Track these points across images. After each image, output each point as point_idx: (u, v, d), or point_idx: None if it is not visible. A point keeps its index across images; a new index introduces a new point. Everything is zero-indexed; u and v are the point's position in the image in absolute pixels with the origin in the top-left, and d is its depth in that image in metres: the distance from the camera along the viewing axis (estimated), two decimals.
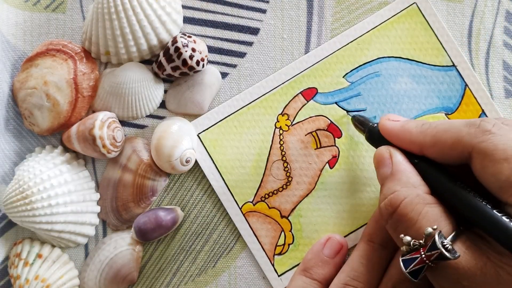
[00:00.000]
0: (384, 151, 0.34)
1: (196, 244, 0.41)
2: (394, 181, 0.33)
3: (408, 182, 0.32)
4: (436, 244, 0.28)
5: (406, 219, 0.30)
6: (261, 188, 0.41)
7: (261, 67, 0.42)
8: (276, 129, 0.41)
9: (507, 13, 0.42)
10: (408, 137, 0.34)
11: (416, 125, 0.34)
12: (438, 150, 0.32)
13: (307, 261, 0.39)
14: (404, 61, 0.41)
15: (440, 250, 0.28)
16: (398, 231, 0.31)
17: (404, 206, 0.31)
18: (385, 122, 0.36)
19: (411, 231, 0.30)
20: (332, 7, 0.42)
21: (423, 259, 0.29)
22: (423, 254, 0.29)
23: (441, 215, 0.30)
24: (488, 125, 0.30)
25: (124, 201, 0.40)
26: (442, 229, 0.29)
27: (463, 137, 0.31)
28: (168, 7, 0.40)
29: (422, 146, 0.33)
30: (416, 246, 0.29)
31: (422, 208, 0.30)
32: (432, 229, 0.29)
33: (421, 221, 0.30)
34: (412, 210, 0.30)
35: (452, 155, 0.31)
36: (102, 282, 0.40)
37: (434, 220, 0.30)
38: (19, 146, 0.42)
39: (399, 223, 0.31)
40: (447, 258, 0.28)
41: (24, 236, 0.41)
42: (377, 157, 0.35)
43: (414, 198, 0.31)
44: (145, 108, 0.41)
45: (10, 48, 0.42)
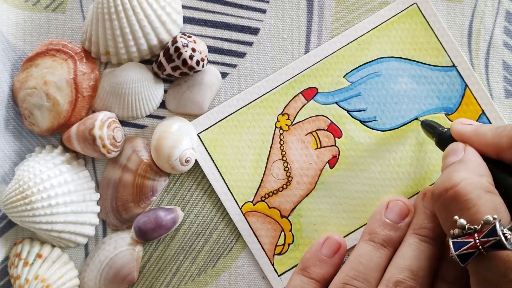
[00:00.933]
0: (459, 144, 0.33)
1: (196, 244, 0.41)
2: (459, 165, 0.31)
3: (475, 170, 0.31)
4: (497, 231, 0.27)
5: (464, 199, 0.29)
6: (261, 188, 0.41)
7: (261, 67, 0.42)
8: (276, 129, 0.41)
9: (507, 13, 0.42)
10: (483, 140, 0.32)
11: (491, 128, 0.33)
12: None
13: (306, 261, 0.39)
14: (404, 61, 0.41)
15: (499, 237, 0.27)
16: (450, 211, 0.30)
17: (464, 186, 0.29)
18: (458, 126, 0.34)
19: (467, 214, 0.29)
20: (332, 7, 0.42)
21: (477, 244, 0.27)
22: (478, 239, 0.27)
23: (501, 205, 0.29)
24: None
25: (124, 201, 0.40)
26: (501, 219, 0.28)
27: None
28: (168, 7, 0.40)
29: (498, 149, 0.32)
30: (470, 231, 0.28)
31: (484, 194, 0.29)
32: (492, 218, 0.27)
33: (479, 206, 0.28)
34: (472, 192, 0.29)
35: None
36: (102, 282, 0.40)
37: (494, 208, 0.29)
38: (19, 146, 0.41)
39: (454, 202, 0.29)
40: (504, 247, 0.27)
41: (24, 236, 0.41)
42: (449, 148, 0.33)
43: (477, 182, 0.29)
44: (145, 108, 0.41)
45: (10, 48, 0.42)
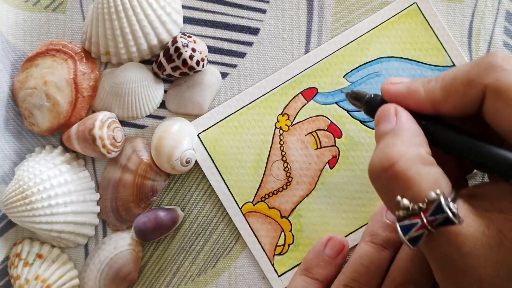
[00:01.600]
0: (389, 107, 0.31)
1: (196, 244, 0.41)
2: (394, 137, 0.29)
3: (411, 140, 0.28)
4: (443, 207, 0.25)
5: (404, 178, 0.27)
6: (261, 188, 0.41)
7: (261, 67, 0.42)
8: (276, 129, 0.41)
9: (507, 13, 0.42)
10: (417, 97, 0.30)
11: (422, 83, 0.31)
12: (452, 102, 0.29)
13: (309, 261, 0.39)
14: (404, 61, 0.41)
15: (446, 215, 0.25)
16: (391, 192, 0.28)
17: (403, 164, 0.27)
18: (389, 86, 0.32)
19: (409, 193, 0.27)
20: (332, 7, 0.42)
21: (425, 224, 0.26)
22: (425, 219, 0.26)
23: (442, 176, 0.27)
24: (497, 59, 0.27)
25: (124, 201, 0.40)
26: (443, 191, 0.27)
27: (474, 79, 0.28)
28: (168, 7, 0.40)
29: (434, 104, 0.30)
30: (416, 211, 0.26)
31: (422, 168, 0.27)
32: (435, 194, 0.26)
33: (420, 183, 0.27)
34: (411, 169, 0.27)
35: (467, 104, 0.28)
36: (102, 282, 0.40)
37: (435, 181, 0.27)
38: (19, 146, 0.41)
39: (394, 182, 0.27)
40: (452, 223, 0.26)
41: (24, 236, 0.41)
42: (379, 113, 0.31)
43: (414, 156, 0.27)
44: (145, 108, 0.41)
45: (10, 48, 0.42)
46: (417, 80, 0.32)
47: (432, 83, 0.30)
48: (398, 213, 0.27)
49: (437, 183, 0.27)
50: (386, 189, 0.28)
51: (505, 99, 0.27)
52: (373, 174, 0.29)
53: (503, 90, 0.27)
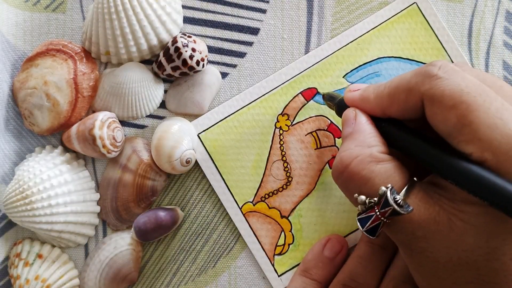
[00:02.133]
0: (350, 112, 0.34)
1: (196, 244, 0.41)
2: (350, 140, 0.32)
3: (364, 142, 0.32)
4: (389, 201, 0.28)
5: (358, 177, 0.30)
6: (261, 188, 0.41)
7: (261, 67, 0.42)
8: (276, 129, 0.41)
9: (507, 13, 0.42)
10: (368, 104, 0.33)
11: (373, 90, 0.33)
12: (397, 108, 0.32)
13: (307, 262, 0.39)
14: (404, 61, 0.41)
15: (392, 207, 0.28)
16: (350, 190, 0.31)
17: (355, 165, 0.31)
18: (347, 94, 0.35)
19: (365, 189, 0.30)
20: (332, 7, 0.42)
21: (378, 217, 0.29)
22: (378, 212, 0.29)
23: (394, 170, 0.30)
24: (434, 69, 0.30)
25: (124, 201, 0.40)
26: (396, 184, 0.29)
27: (412, 87, 0.30)
28: (168, 7, 0.40)
29: (383, 109, 0.33)
30: (371, 204, 0.29)
31: (375, 166, 0.30)
32: (385, 188, 0.29)
33: (374, 180, 0.30)
34: (363, 169, 0.30)
35: (410, 109, 0.31)
36: (102, 282, 0.40)
37: (387, 177, 0.30)
38: (19, 146, 0.41)
39: (351, 181, 0.31)
40: (400, 213, 0.28)
41: (24, 236, 0.41)
42: (343, 117, 0.34)
43: (366, 157, 0.31)
44: (145, 108, 0.41)
45: (10, 48, 0.42)
46: (370, 86, 0.34)
47: (381, 89, 0.33)
48: (358, 208, 0.30)
49: (389, 178, 0.30)
50: (345, 188, 0.32)
51: (438, 104, 0.29)
52: (334, 176, 0.32)
53: (436, 97, 0.29)
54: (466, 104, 0.28)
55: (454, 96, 0.28)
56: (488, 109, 0.27)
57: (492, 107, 0.27)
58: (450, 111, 0.28)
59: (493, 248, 0.27)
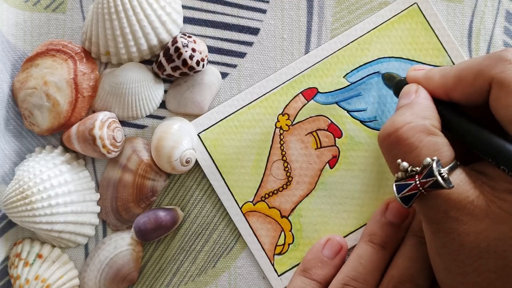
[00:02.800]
0: (412, 86, 0.34)
1: (196, 244, 0.41)
2: (406, 108, 0.32)
3: (420, 113, 0.31)
4: (433, 172, 0.28)
5: (406, 143, 0.30)
6: (261, 188, 0.41)
7: (261, 67, 0.42)
8: (277, 129, 0.41)
9: (507, 13, 0.42)
10: (432, 83, 0.33)
11: (438, 71, 0.33)
12: (462, 90, 0.31)
13: (307, 262, 0.39)
14: (405, 61, 0.41)
15: (436, 178, 0.28)
16: (394, 155, 0.30)
17: (406, 130, 0.30)
18: (411, 72, 0.35)
19: (409, 157, 0.30)
20: (332, 7, 0.42)
21: (417, 186, 0.28)
22: (418, 181, 0.28)
23: (443, 146, 0.30)
24: (508, 54, 0.29)
25: (124, 201, 0.40)
26: (442, 159, 0.29)
27: (483, 69, 0.30)
28: (168, 7, 0.40)
29: (446, 90, 0.32)
30: (412, 173, 0.29)
31: (425, 137, 0.30)
32: (430, 159, 0.28)
33: (421, 149, 0.29)
34: (413, 136, 0.30)
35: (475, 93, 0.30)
36: (102, 282, 0.40)
37: (434, 150, 0.29)
38: (19, 146, 0.41)
39: (397, 146, 0.30)
40: (441, 187, 0.28)
41: (24, 236, 0.41)
42: (403, 91, 0.34)
43: (418, 125, 0.30)
44: (145, 108, 0.41)
45: (10, 48, 0.42)
46: (436, 68, 0.34)
47: (447, 70, 0.32)
48: (397, 175, 0.30)
49: (437, 151, 0.29)
50: (389, 152, 0.31)
51: (506, 89, 0.28)
52: (380, 138, 0.32)
53: (505, 81, 0.28)
54: None
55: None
56: None
57: None
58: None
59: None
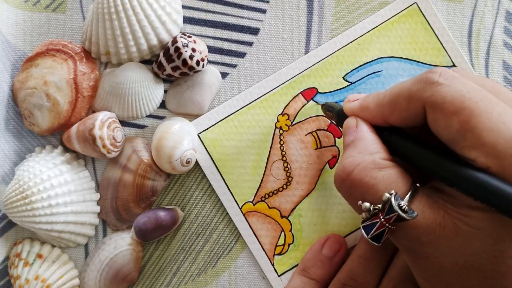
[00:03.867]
0: (351, 121, 0.34)
1: (196, 244, 0.41)
2: (352, 148, 0.32)
3: (366, 149, 0.32)
4: (393, 207, 0.28)
5: (361, 184, 0.30)
6: (261, 188, 0.41)
7: (261, 67, 0.42)
8: (276, 129, 0.41)
9: (507, 13, 0.42)
10: (368, 113, 0.33)
11: (373, 98, 0.33)
12: (398, 116, 0.31)
13: (306, 261, 0.39)
14: (405, 61, 0.41)
15: (397, 213, 0.28)
16: (353, 197, 0.31)
17: (358, 172, 0.31)
18: (346, 105, 0.35)
19: (368, 196, 0.30)
20: (332, 7, 0.42)
21: (383, 223, 0.29)
22: (382, 218, 0.29)
23: (398, 176, 0.30)
24: (435, 76, 0.30)
25: (124, 201, 0.40)
26: (399, 190, 0.29)
27: (414, 94, 0.30)
28: (168, 7, 0.40)
29: (384, 117, 0.32)
30: (375, 211, 0.29)
31: (378, 173, 0.30)
32: (388, 194, 0.29)
33: (377, 186, 0.30)
34: (366, 176, 0.30)
35: (412, 117, 0.31)
36: (102, 282, 0.40)
37: (390, 183, 0.30)
38: (19, 146, 0.41)
39: (354, 189, 0.31)
40: (405, 219, 0.28)
41: (24, 236, 0.41)
42: (344, 126, 0.34)
43: (368, 163, 0.31)
44: (145, 108, 0.41)
45: (10, 48, 0.42)
46: (369, 95, 0.34)
47: (381, 98, 0.33)
48: (362, 216, 0.30)
49: (393, 184, 0.30)
50: (348, 196, 0.32)
51: (440, 111, 0.29)
52: (336, 184, 0.32)
53: (438, 104, 0.29)
54: (468, 109, 0.27)
55: (456, 102, 0.28)
56: (491, 114, 0.27)
57: (494, 112, 0.27)
58: (452, 117, 0.28)
59: (500, 251, 0.27)
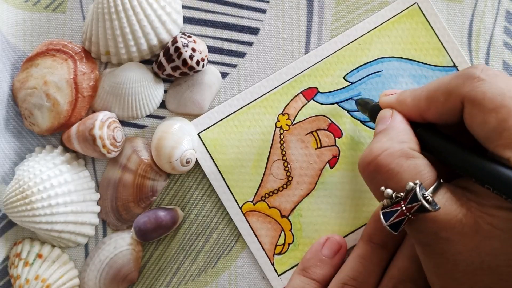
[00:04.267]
0: (387, 111, 0.34)
1: (196, 244, 0.41)
2: (382, 134, 0.32)
3: (396, 137, 0.31)
4: (417, 196, 0.28)
5: (386, 170, 0.30)
6: (261, 188, 0.41)
7: (261, 67, 0.42)
8: (277, 128, 0.41)
9: (507, 13, 0.42)
10: (405, 107, 0.33)
11: (410, 93, 0.33)
12: (435, 111, 0.31)
13: (306, 261, 0.39)
14: (405, 61, 0.41)
15: (421, 202, 0.27)
16: (376, 183, 0.30)
17: (384, 157, 0.30)
18: (382, 99, 0.35)
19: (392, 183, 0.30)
20: (332, 7, 0.42)
21: (404, 212, 0.28)
22: (404, 207, 0.28)
23: (424, 167, 0.30)
24: (476, 71, 0.29)
25: (124, 201, 0.40)
26: (424, 181, 0.29)
27: (453, 88, 0.30)
28: (168, 7, 0.40)
29: (420, 112, 0.32)
30: (397, 199, 0.29)
31: (404, 161, 0.30)
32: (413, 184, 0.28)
33: (402, 174, 0.29)
34: (392, 162, 0.30)
35: (449, 112, 0.30)
36: (102, 282, 0.40)
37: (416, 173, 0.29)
38: (19, 146, 0.41)
39: (378, 174, 0.30)
40: (427, 210, 0.28)
41: (24, 236, 0.41)
42: (378, 116, 0.34)
43: (396, 151, 0.30)
44: (145, 108, 0.41)
45: (10, 48, 0.42)
46: (407, 90, 0.34)
47: (418, 92, 0.32)
48: (383, 202, 0.30)
49: (418, 174, 0.29)
50: (370, 180, 0.31)
51: (479, 107, 0.28)
52: (360, 167, 0.32)
53: (477, 99, 0.28)
54: (507, 108, 0.27)
55: (496, 99, 0.28)
56: None
57: None
58: (490, 114, 0.28)
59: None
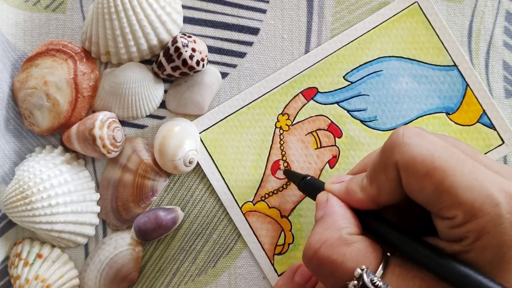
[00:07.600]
0: (322, 196, 0.33)
1: (196, 244, 0.41)
2: (319, 224, 0.31)
3: (334, 225, 0.31)
4: (366, 284, 0.27)
5: (329, 262, 0.29)
6: (261, 188, 0.41)
7: (261, 67, 0.42)
8: (277, 128, 0.41)
9: (507, 13, 0.42)
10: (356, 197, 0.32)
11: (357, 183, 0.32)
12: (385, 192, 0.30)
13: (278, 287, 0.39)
14: (405, 60, 0.41)
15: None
16: (323, 276, 0.30)
17: (325, 249, 0.30)
18: (330, 187, 0.34)
19: (338, 273, 0.29)
20: (332, 7, 0.42)
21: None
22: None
23: (367, 250, 0.29)
24: (399, 137, 0.29)
25: (124, 201, 0.40)
26: (370, 264, 0.29)
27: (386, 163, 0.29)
28: (168, 7, 0.40)
29: (374, 200, 0.31)
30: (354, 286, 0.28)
31: (345, 249, 0.29)
32: (360, 270, 0.28)
33: (346, 263, 0.29)
34: (333, 253, 0.29)
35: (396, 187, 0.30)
36: (102, 282, 0.40)
37: (359, 258, 0.29)
38: (19, 146, 0.41)
39: (322, 267, 0.30)
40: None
41: (24, 236, 0.41)
42: (316, 201, 0.34)
43: (335, 240, 0.30)
44: (145, 108, 0.41)
45: (10, 48, 0.42)
46: (353, 178, 0.33)
47: (360, 180, 0.32)
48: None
49: (362, 259, 0.29)
50: (318, 274, 0.31)
51: (412, 174, 0.28)
52: (304, 261, 0.31)
53: (409, 165, 0.28)
54: (440, 169, 0.27)
55: (426, 162, 0.27)
56: (463, 171, 0.27)
57: (466, 169, 0.27)
58: (425, 180, 0.27)
59: None
